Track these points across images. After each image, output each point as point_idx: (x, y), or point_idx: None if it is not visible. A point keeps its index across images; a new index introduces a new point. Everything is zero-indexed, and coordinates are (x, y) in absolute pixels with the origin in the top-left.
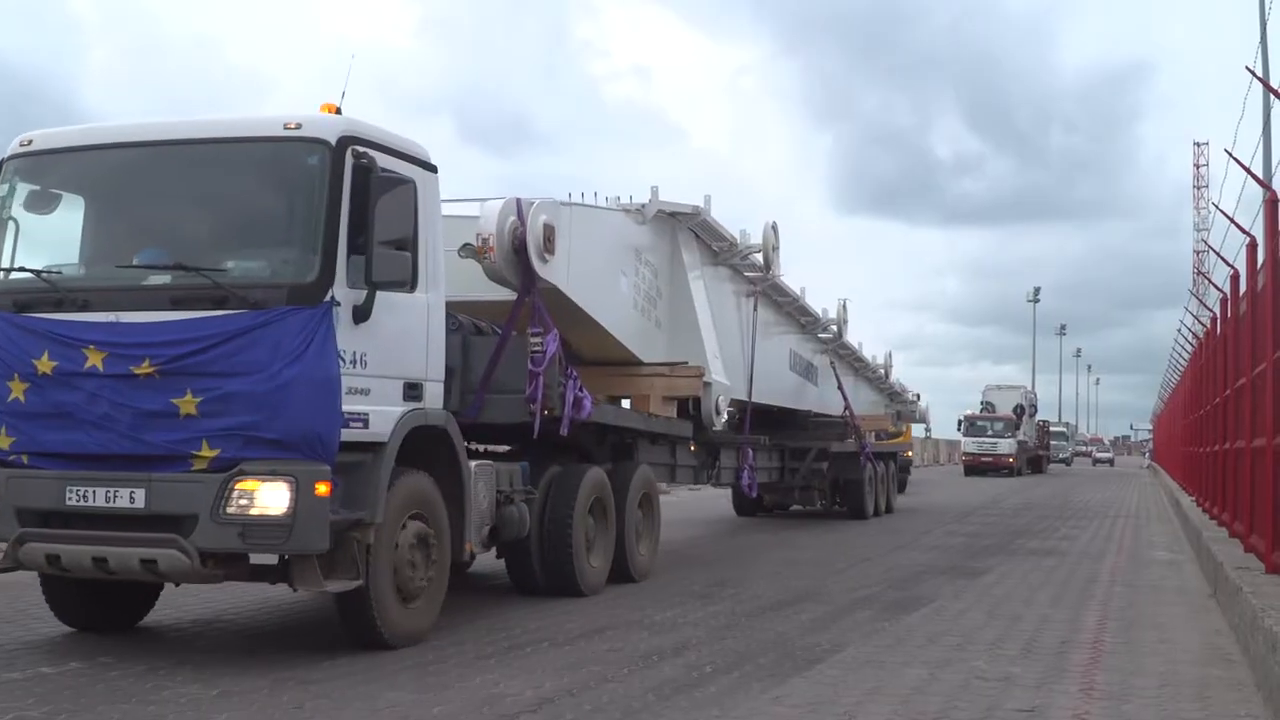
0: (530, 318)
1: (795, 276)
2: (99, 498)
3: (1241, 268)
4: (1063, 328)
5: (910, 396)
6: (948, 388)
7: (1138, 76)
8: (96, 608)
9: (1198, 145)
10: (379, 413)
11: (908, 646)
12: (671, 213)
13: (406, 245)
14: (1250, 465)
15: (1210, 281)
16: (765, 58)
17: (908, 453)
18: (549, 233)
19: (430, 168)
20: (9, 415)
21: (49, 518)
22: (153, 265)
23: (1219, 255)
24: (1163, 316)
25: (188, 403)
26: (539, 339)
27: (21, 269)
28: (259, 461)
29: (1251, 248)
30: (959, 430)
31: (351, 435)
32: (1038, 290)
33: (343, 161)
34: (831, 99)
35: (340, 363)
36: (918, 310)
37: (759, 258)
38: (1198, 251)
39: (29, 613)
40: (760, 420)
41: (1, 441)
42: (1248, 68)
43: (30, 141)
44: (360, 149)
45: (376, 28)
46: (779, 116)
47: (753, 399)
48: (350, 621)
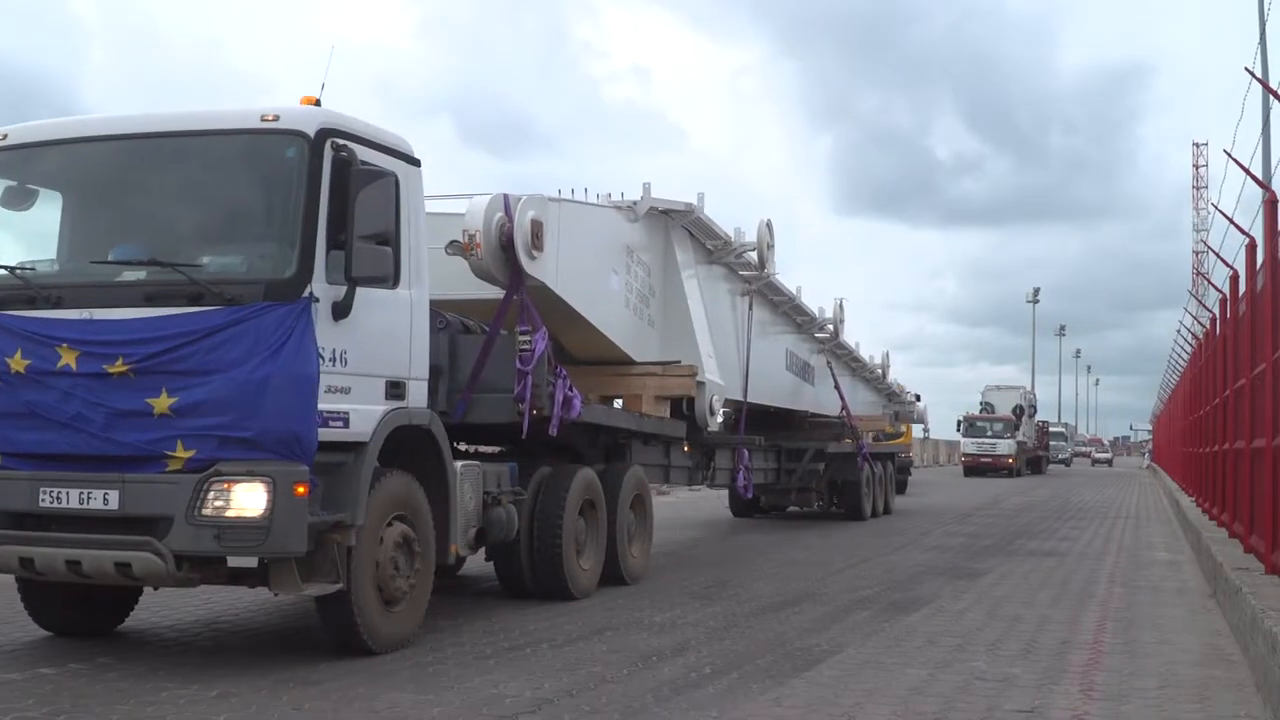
0: (519, 316)
1: (795, 277)
2: (72, 499)
3: (1241, 268)
4: (1062, 328)
5: (909, 397)
6: (947, 388)
7: (1137, 77)
8: (73, 612)
9: (1197, 146)
10: (360, 412)
11: (907, 647)
12: (664, 210)
13: (388, 240)
14: (1250, 466)
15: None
16: (765, 58)
17: (908, 453)
18: (537, 229)
19: (413, 161)
20: None
21: (22, 519)
22: (127, 261)
23: (1218, 256)
24: (1162, 317)
25: (162, 402)
26: (527, 337)
27: None
28: (235, 462)
29: (1251, 248)
30: (958, 431)
31: (331, 435)
32: (1037, 291)
33: (321, 154)
34: (831, 100)
35: (319, 360)
36: (917, 311)
37: (754, 256)
38: (1197, 252)
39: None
40: (756, 421)
41: None
42: (1247, 69)
43: (5, 136)
44: (340, 141)
45: (376, 29)
46: (778, 117)
47: (748, 399)
48: (331, 626)
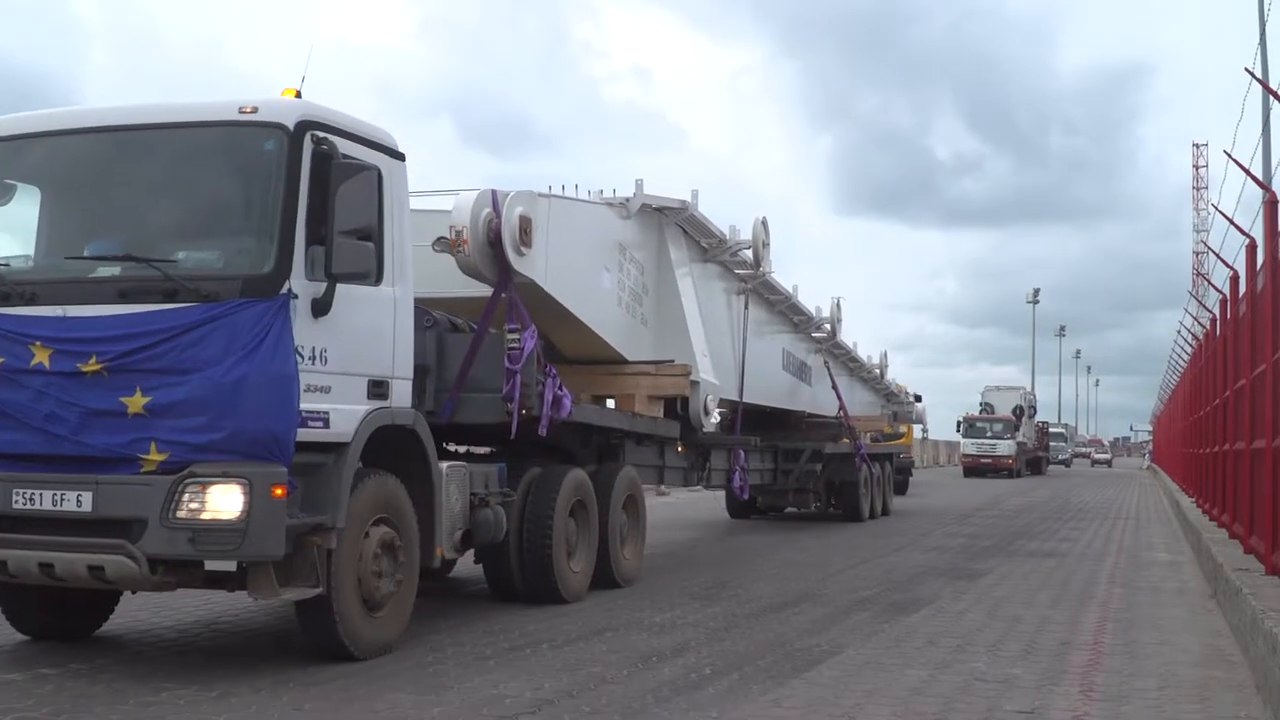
0: (507, 314)
1: (795, 277)
2: (46, 500)
3: (1241, 269)
4: (1062, 329)
5: (909, 397)
6: (947, 389)
7: (1137, 78)
8: (49, 615)
9: (1197, 146)
10: (340, 411)
11: (907, 648)
12: (658, 207)
13: (370, 236)
14: (1250, 467)
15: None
16: (765, 59)
17: (910, 454)
18: (525, 225)
19: (397, 155)
20: None
21: None
22: (100, 256)
23: (1218, 256)
24: (1162, 318)
25: (136, 401)
26: (516, 336)
27: None
28: (211, 463)
29: (1251, 249)
30: (958, 432)
31: (310, 435)
32: (1037, 291)
33: (301, 147)
34: (831, 100)
35: (298, 359)
36: (917, 311)
37: (749, 254)
38: (1197, 253)
39: None
40: (753, 421)
41: None
42: (1247, 69)
43: None
44: (320, 134)
45: (377, 29)
46: (779, 117)
47: (744, 399)
48: (311, 631)
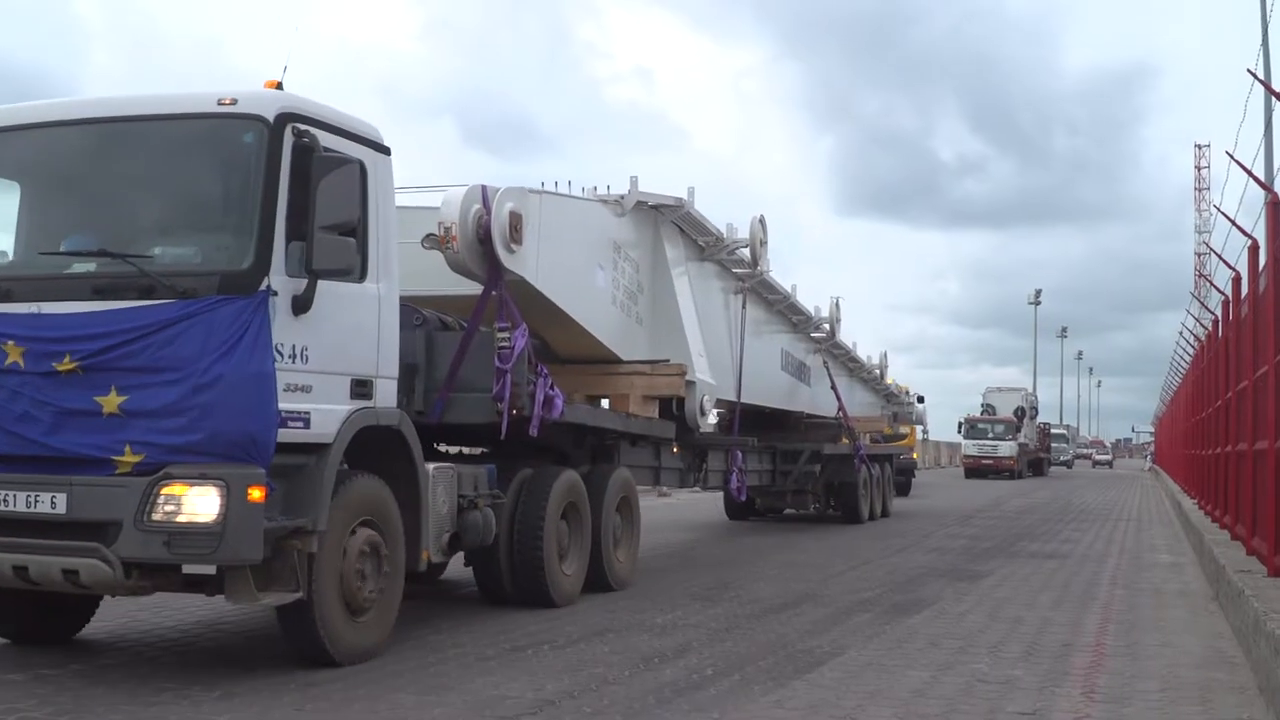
0: (497, 312)
1: (797, 278)
2: (19, 502)
3: (1243, 270)
4: (1064, 330)
5: (910, 398)
6: (949, 390)
7: (1140, 79)
8: (29, 618)
9: (1199, 147)
10: (322, 411)
11: (909, 649)
12: (654, 205)
13: (352, 231)
14: (1252, 468)
15: (1212, 284)
16: (768, 60)
17: (913, 454)
18: (515, 221)
19: (382, 149)
20: None
21: None
22: (75, 252)
23: (1220, 258)
24: (1164, 319)
25: (111, 401)
26: (506, 334)
27: None
28: (187, 464)
29: (1253, 250)
30: (959, 433)
31: (290, 436)
32: (1039, 292)
33: (281, 139)
34: (833, 101)
35: (277, 357)
36: (919, 313)
37: (747, 253)
38: (1199, 254)
39: None
40: (752, 421)
41: None
42: (1249, 70)
43: None
44: (301, 127)
45: (380, 30)
46: (781, 118)
47: (742, 399)
48: (292, 636)
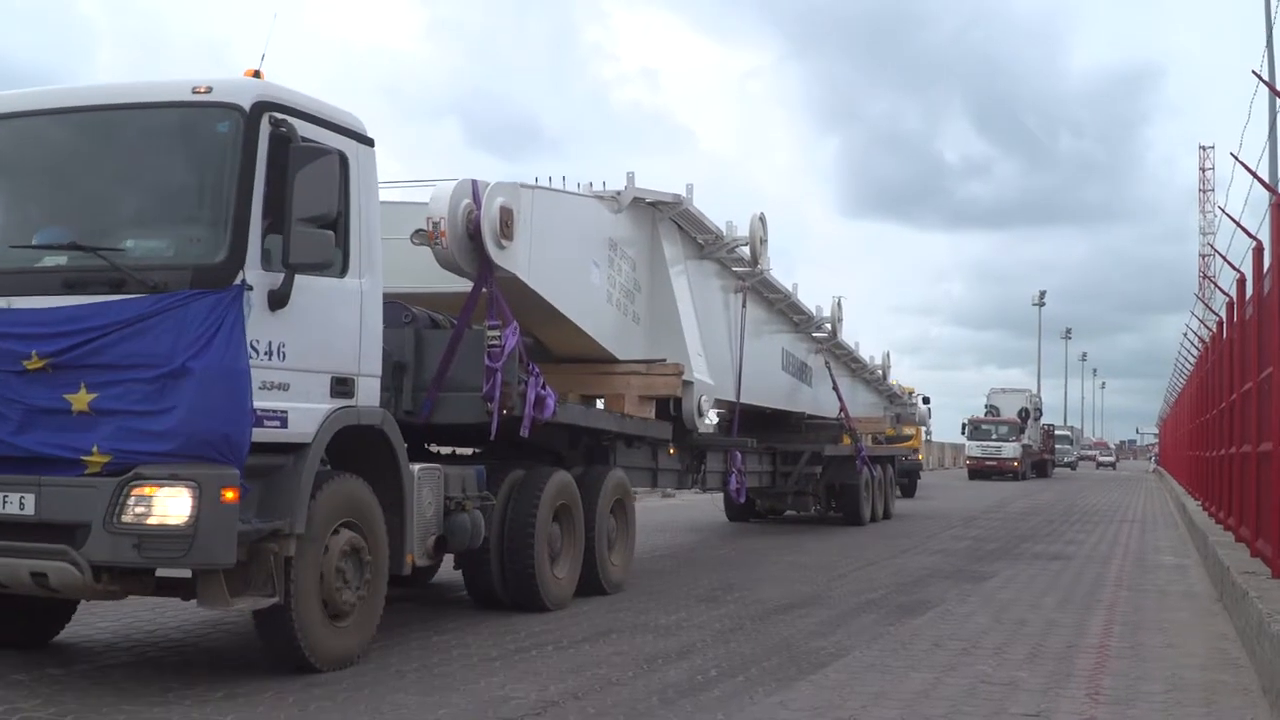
0: (488, 309)
1: (801, 278)
2: None
3: (1248, 272)
4: (1068, 331)
5: (915, 399)
6: (953, 391)
7: (1145, 81)
8: (4, 622)
9: (1204, 149)
10: (300, 410)
11: (913, 651)
12: (651, 202)
13: (331, 224)
14: (1256, 470)
15: (1216, 285)
16: (773, 61)
17: (918, 455)
18: (506, 217)
19: (365, 140)
20: None
21: None
22: (45, 245)
23: (1225, 259)
24: (1169, 320)
25: (80, 398)
26: (496, 333)
27: None
28: (158, 465)
29: (1258, 251)
30: (963, 434)
31: (267, 435)
32: (1043, 294)
33: (257, 129)
34: (839, 102)
35: (252, 354)
36: (924, 314)
37: (746, 251)
38: (1204, 255)
39: None
40: (752, 422)
41: None
42: (1254, 72)
43: None
44: (278, 116)
45: (384, 32)
46: (786, 120)
47: (742, 400)
48: (270, 642)
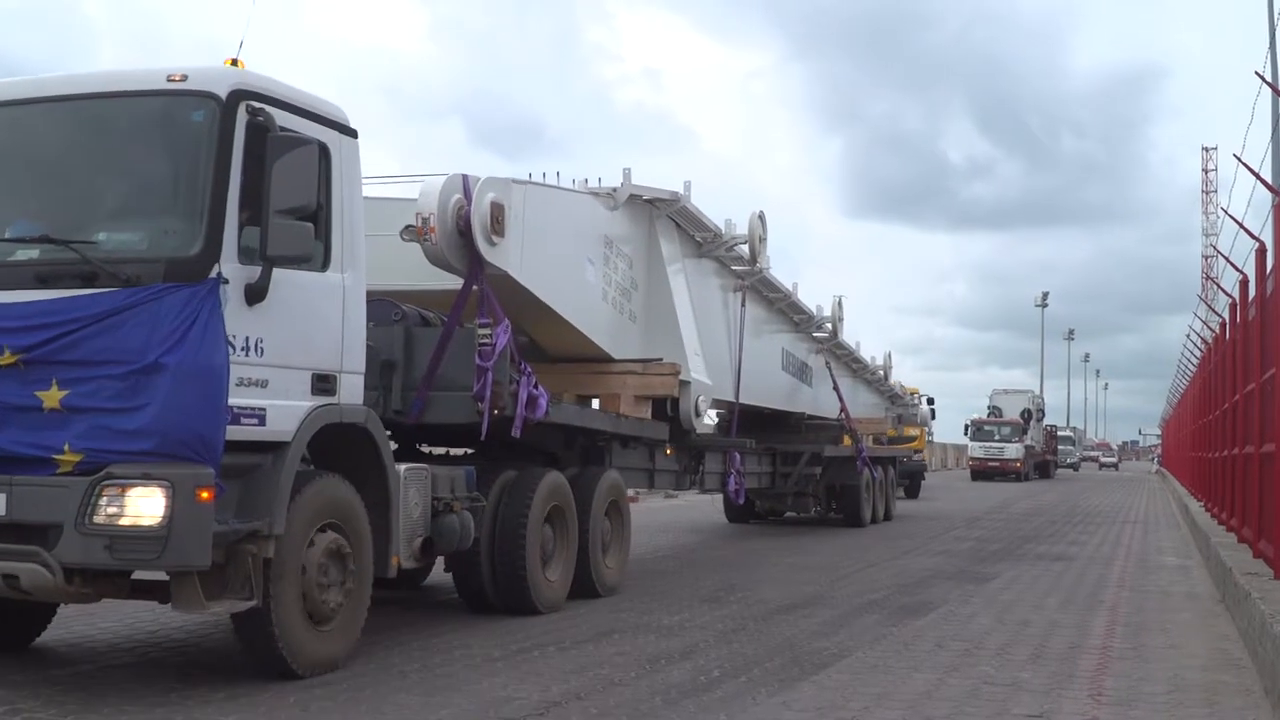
0: (478, 307)
1: (803, 278)
2: None
3: (1250, 273)
4: (1071, 332)
5: (916, 400)
6: (956, 392)
7: (1148, 81)
8: None
9: (1206, 150)
10: (279, 408)
11: (915, 651)
12: (649, 198)
13: (312, 216)
14: (1259, 471)
15: (1219, 286)
16: (776, 62)
17: (923, 456)
18: (497, 213)
19: (348, 131)
20: None
21: None
22: (16, 238)
23: (1228, 260)
24: (1172, 321)
25: (52, 395)
26: (487, 331)
27: None
28: (130, 464)
29: (1260, 253)
30: (965, 435)
31: (244, 433)
32: (1046, 295)
33: (234, 118)
34: (841, 103)
35: (229, 349)
36: (926, 315)
37: (746, 249)
38: (1206, 256)
39: None
40: (751, 422)
41: None
42: (1257, 73)
43: None
44: (256, 105)
45: (387, 32)
46: (789, 120)
47: (741, 400)
48: (250, 647)
